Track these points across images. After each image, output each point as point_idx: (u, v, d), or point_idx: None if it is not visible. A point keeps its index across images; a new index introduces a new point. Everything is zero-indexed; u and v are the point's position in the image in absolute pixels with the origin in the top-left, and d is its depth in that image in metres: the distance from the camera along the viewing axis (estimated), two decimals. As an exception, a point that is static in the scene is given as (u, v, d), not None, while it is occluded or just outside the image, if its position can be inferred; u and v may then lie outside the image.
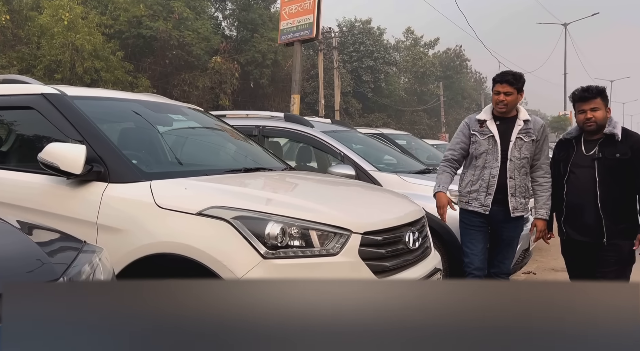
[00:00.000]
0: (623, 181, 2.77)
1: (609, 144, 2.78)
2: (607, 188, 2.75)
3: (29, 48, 18.40)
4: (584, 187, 2.80)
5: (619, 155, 2.74)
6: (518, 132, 3.01)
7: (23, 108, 2.72)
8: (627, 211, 2.80)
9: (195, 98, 21.65)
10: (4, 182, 2.60)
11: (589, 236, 2.82)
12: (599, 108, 2.77)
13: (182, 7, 20.66)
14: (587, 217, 2.80)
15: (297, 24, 10.72)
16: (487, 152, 3.02)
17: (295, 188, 2.81)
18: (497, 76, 3.04)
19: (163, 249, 2.20)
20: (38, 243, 1.42)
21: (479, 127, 3.08)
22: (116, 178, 2.39)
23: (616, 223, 2.75)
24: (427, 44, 40.17)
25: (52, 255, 1.39)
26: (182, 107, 3.52)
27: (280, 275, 2.11)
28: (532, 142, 3.03)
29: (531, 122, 3.04)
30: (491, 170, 3.01)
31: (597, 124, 2.77)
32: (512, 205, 3.01)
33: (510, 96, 2.97)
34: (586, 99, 2.78)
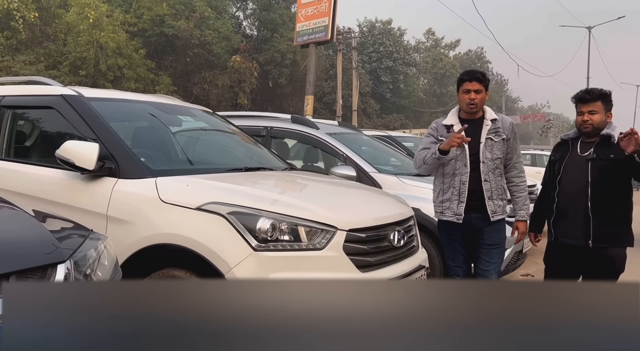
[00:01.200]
0: (617, 183, 2.71)
1: (605, 146, 2.73)
2: (599, 190, 2.69)
3: (55, 45, 18.97)
4: (575, 187, 2.75)
5: (613, 156, 2.67)
6: (487, 132, 2.89)
7: (44, 108, 2.98)
8: (620, 215, 2.72)
9: (214, 96, 22.04)
10: (26, 175, 2.85)
11: (577, 238, 2.75)
12: (597, 112, 2.72)
13: (204, 7, 21.03)
14: (577, 218, 2.74)
15: (312, 26, 10.92)
16: (455, 158, 2.88)
17: (289, 187, 3.00)
18: (465, 75, 2.94)
19: (165, 240, 2.42)
20: (50, 229, 1.65)
21: (446, 132, 2.95)
22: (125, 174, 2.62)
23: (606, 226, 2.68)
24: (448, 45, 39.99)
25: (61, 240, 1.61)
26: (191, 108, 3.75)
27: (269, 267, 2.30)
28: (503, 141, 2.91)
29: (499, 121, 2.93)
30: (461, 177, 2.87)
31: (593, 127, 2.73)
32: (491, 209, 2.88)
33: (480, 94, 2.86)
34: (586, 101, 2.74)
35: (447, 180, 2.93)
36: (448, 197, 2.92)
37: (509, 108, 47.87)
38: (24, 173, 2.85)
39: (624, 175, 2.70)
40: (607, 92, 2.79)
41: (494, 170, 2.91)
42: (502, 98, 45.17)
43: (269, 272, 2.29)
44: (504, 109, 43.31)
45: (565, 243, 2.81)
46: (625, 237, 2.73)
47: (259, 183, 2.86)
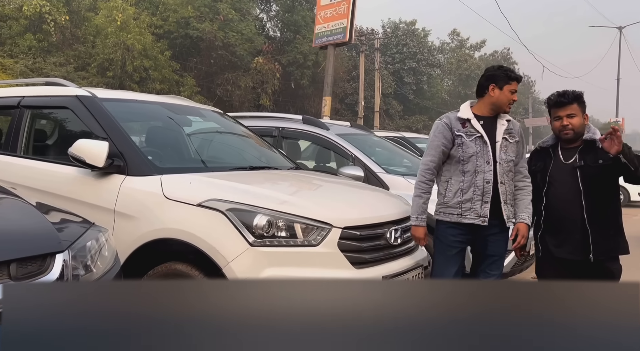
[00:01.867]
0: (608, 190, 2.59)
1: (590, 151, 2.58)
2: (594, 199, 2.53)
3: (84, 47, 19.54)
4: (566, 198, 2.57)
5: (601, 162, 2.53)
6: (503, 132, 2.73)
7: (60, 108, 3.13)
8: (614, 223, 2.59)
9: (237, 97, 22.34)
10: (43, 172, 3.01)
11: (575, 253, 2.57)
12: (575, 115, 2.57)
13: (228, 9, 21.34)
14: (573, 231, 2.56)
15: (331, 28, 11.00)
16: (476, 154, 2.67)
17: (289, 185, 3.08)
18: (514, 74, 2.76)
19: (167, 235, 2.53)
20: (51, 221, 1.76)
21: (461, 126, 2.73)
22: (133, 171, 2.74)
23: (606, 238, 2.53)
24: (473, 46, 39.52)
25: (61, 231, 1.72)
26: (201, 109, 3.87)
27: (265, 261, 2.39)
28: (516, 143, 2.79)
29: (512, 122, 2.82)
30: (484, 175, 2.66)
31: (574, 132, 2.58)
32: (506, 213, 2.69)
33: None
34: (562, 105, 2.59)
35: (468, 179, 2.67)
36: (469, 197, 2.66)
37: (536, 109, 46.96)
38: (41, 170, 3.01)
39: (612, 180, 2.58)
40: (581, 93, 2.65)
41: (508, 173, 2.74)
42: (529, 100, 44.34)
43: (265, 267, 2.37)
44: (530, 111, 42.55)
45: (560, 257, 2.62)
46: (622, 245, 2.60)
47: (260, 182, 2.94)
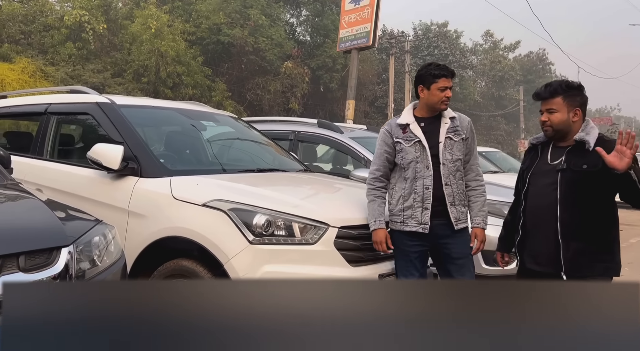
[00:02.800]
0: (591, 200, 2.23)
1: (578, 153, 2.26)
2: (573, 208, 2.23)
3: (121, 54, 20.29)
4: (543, 203, 2.31)
5: (586, 167, 2.21)
6: (446, 131, 2.64)
7: (82, 114, 3.36)
8: (600, 238, 2.25)
9: (267, 101, 22.70)
10: (65, 174, 3.24)
11: (547, 265, 2.31)
12: (556, 111, 2.28)
13: (258, 15, 21.72)
14: (545, 241, 2.30)
15: (355, 32, 11.11)
16: (415, 160, 2.62)
17: (291, 186, 3.20)
18: (443, 70, 2.66)
19: (175, 233, 2.69)
20: (59, 217, 1.94)
21: (401, 132, 2.67)
22: (146, 173, 2.92)
23: (583, 255, 2.23)
24: (507, 47, 38.76)
25: (68, 227, 1.90)
26: (215, 114, 4.04)
27: (263, 258, 2.51)
28: (462, 141, 2.68)
29: (457, 119, 2.70)
30: (424, 180, 2.60)
31: (553, 129, 2.30)
32: (454, 215, 2.62)
33: (451, 91, 2.67)
34: (541, 98, 2.33)
35: (409, 186, 2.64)
36: (410, 204, 2.62)
37: (573, 111, 45.51)
38: (64, 172, 3.24)
39: (602, 189, 2.23)
40: (572, 85, 2.33)
41: (455, 173, 2.66)
42: (566, 101, 43.06)
43: (264, 263, 2.50)
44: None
45: (533, 269, 2.36)
46: (606, 265, 2.25)
47: (263, 183, 3.08)
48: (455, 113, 2.73)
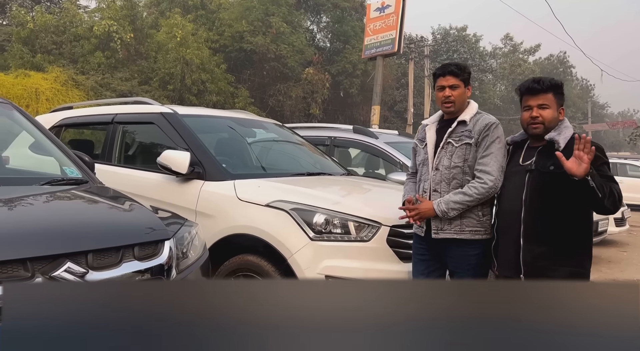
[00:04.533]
0: (558, 202, 2.13)
1: (548, 153, 2.17)
2: (535, 210, 2.15)
3: (147, 62, 20.86)
4: (510, 205, 2.23)
5: (552, 168, 2.12)
6: (448, 135, 2.50)
7: (147, 123, 3.67)
8: (566, 243, 2.14)
9: (288, 107, 23.07)
10: (134, 178, 3.54)
11: (508, 270, 2.24)
12: (548, 106, 2.18)
13: (280, 23, 22.12)
14: (510, 244, 2.23)
15: (380, 39, 11.38)
16: (422, 162, 2.60)
17: (343, 189, 3.45)
18: (438, 70, 2.55)
19: (241, 230, 2.96)
20: (159, 217, 2.23)
21: (423, 134, 2.66)
22: (210, 177, 3.21)
23: (542, 259, 2.14)
24: (527, 50, 38.61)
25: (167, 224, 2.19)
26: (264, 122, 4.34)
27: (322, 254, 2.77)
28: (467, 146, 2.45)
29: (470, 122, 2.47)
30: (424, 184, 2.57)
31: (544, 126, 2.19)
32: (434, 223, 2.46)
33: (457, 90, 2.47)
34: (535, 92, 2.20)
35: (418, 187, 2.64)
36: None
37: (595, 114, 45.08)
38: (133, 176, 3.55)
39: (568, 192, 2.08)
40: (559, 83, 2.26)
41: (450, 181, 2.47)
42: (588, 104, 42.64)
43: (323, 258, 2.75)
44: (590, 115, 40.92)
45: (501, 274, 2.29)
46: (571, 269, 2.14)
47: (317, 186, 3.34)
48: (473, 115, 2.50)
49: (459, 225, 2.44)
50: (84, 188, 2.52)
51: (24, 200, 2.12)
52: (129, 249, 1.91)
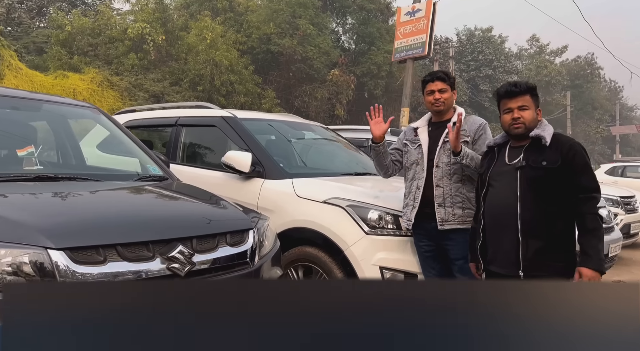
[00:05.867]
0: (551, 197, 2.22)
1: (535, 150, 2.27)
2: (530, 205, 2.21)
3: (178, 63, 21.43)
4: (503, 203, 2.29)
5: (545, 163, 2.22)
6: (445, 135, 2.75)
7: (209, 126, 4.00)
8: (560, 237, 2.22)
9: (313, 108, 23.38)
10: (198, 176, 3.87)
11: (506, 267, 2.28)
12: (528, 108, 2.29)
13: (307, 25, 22.44)
14: (505, 241, 2.27)
15: (410, 43, 11.60)
16: (416, 162, 2.84)
17: (391, 187, 3.72)
18: (427, 76, 2.87)
19: (299, 224, 3.26)
20: (242, 210, 2.55)
21: (413, 136, 2.91)
22: (270, 176, 3.52)
23: (540, 253, 2.21)
24: (554, 51, 38.19)
25: (248, 216, 2.50)
26: (311, 124, 4.64)
27: (376, 247, 3.04)
28: (465, 144, 2.73)
29: (464, 123, 2.75)
30: (417, 182, 2.81)
31: (525, 127, 2.29)
32: (440, 216, 2.71)
33: (445, 93, 2.78)
34: (513, 95, 2.30)
35: (408, 185, 2.89)
36: (407, 202, 2.88)
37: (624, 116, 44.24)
38: (197, 174, 3.87)
39: (561, 186, 2.21)
40: (534, 85, 2.39)
41: (451, 176, 2.74)
42: (617, 107, 41.90)
43: (377, 251, 3.03)
44: (617, 118, 40.26)
45: (495, 272, 2.35)
46: (562, 264, 2.23)
47: (367, 185, 3.62)
48: (468, 117, 2.81)
49: (462, 216, 2.74)
50: (168, 183, 2.85)
51: (131, 193, 2.46)
52: (223, 236, 2.22)
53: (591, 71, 40.16)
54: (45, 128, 3.11)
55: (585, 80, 39.28)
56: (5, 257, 1.62)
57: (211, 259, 2.11)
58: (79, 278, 1.69)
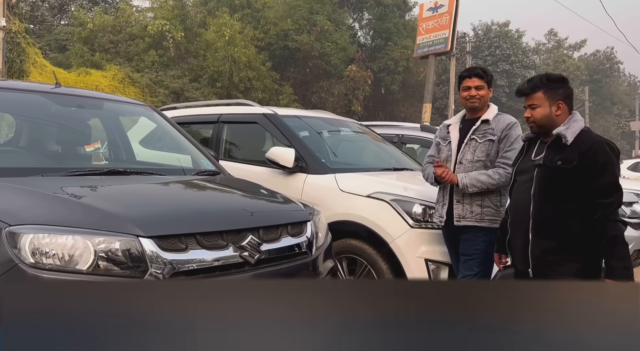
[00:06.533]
0: (565, 197, 2.16)
1: (556, 148, 2.22)
2: (543, 204, 2.19)
3: (197, 60, 21.65)
4: (521, 199, 2.29)
5: (560, 163, 2.16)
6: (472, 132, 2.80)
7: (251, 123, 4.13)
8: (570, 239, 2.16)
9: (330, 104, 23.43)
10: (241, 170, 3.98)
11: (520, 263, 2.32)
12: (538, 106, 2.24)
13: (324, 21, 22.49)
14: (520, 238, 2.29)
15: (432, 38, 11.63)
16: (447, 159, 2.88)
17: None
18: (465, 72, 2.87)
19: (343, 218, 3.37)
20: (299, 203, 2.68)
21: (445, 133, 2.96)
22: (312, 171, 3.63)
23: (548, 252, 2.18)
24: (572, 46, 37.73)
25: (305, 209, 2.63)
26: (346, 121, 4.75)
27: (421, 240, 3.14)
28: (490, 142, 2.76)
29: (494, 121, 2.79)
30: None
31: (536, 125, 2.26)
32: (457, 212, 2.77)
33: (482, 90, 2.80)
34: (522, 94, 2.30)
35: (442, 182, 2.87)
36: (438, 198, 2.95)
37: (644, 111, 43.53)
38: (240, 169, 4.00)
39: (576, 187, 2.14)
40: (553, 78, 2.28)
41: None
42: (636, 102, 41.26)
43: (421, 244, 3.13)
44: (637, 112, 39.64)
45: (517, 266, 2.39)
46: (574, 264, 2.17)
47: (408, 179, 3.71)
48: (497, 116, 2.83)
49: (480, 214, 2.75)
50: (226, 178, 2.99)
51: (198, 186, 2.60)
52: (285, 227, 2.35)
53: (610, 65, 39.63)
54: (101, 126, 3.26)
55: (604, 74, 38.77)
56: (101, 244, 1.76)
57: (276, 248, 2.23)
58: (166, 264, 1.83)
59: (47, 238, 1.70)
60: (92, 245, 1.74)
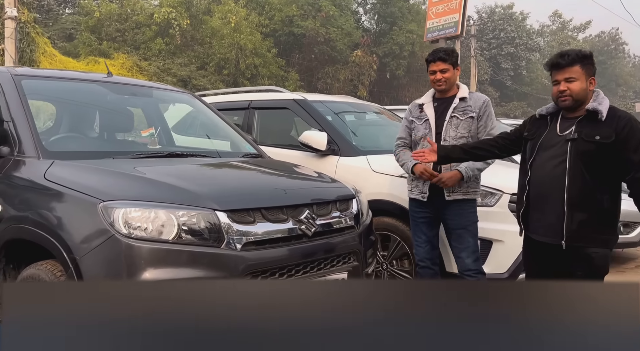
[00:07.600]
0: (600, 172, 2.21)
1: (590, 124, 2.22)
2: (579, 179, 2.21)
3: (203, 48, 21.69)
4: (551, 174, 2.28)
5: (599, 138, 2.18)
6: (453, 110, 2.92)
7: (282, 109, 4.30)
8: (603, 210, 2.23)
9: (336, 90, 23.48)
10: (275, 155, 4.14)
11: (549, 235, 2.31)
12: (576, 79, 2.21)
13: (329, 6, 22.43)
14: (550, 211, 2.29)
15: (442, 22, 11.69)
16: (424, 136, 2.96)
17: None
18: (429, 56, 2.96)
19: (377, 197, 3.54)
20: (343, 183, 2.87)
21: (418, 112, 3.04)
22: (344, 153, 3.81)
23: (584, 224, 2.22)
24: (577, 27, 37.50)
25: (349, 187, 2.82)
26: (370, 105, 4.91)
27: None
28: (471, 119, 2.91)
29: (469, 99, 2.93)
30: None
31: (572, 99, 2.23)
32: (447, 188, 2.90)
33: (447, 73, 2.91)
34: (561, 67, 2.23)
35: None
36: (417, 175, 2.96)
37: (648, 93, 43.38)
38: (273, 153, 4.16)
39: (611, 162, 2.20)
40: (587, 54, 2.27)
41: None
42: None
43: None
44: (642, 94, 39.55)
45: (536, 240, 2.39)
46: (606, 237, 2.25)
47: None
48: (471, 94, 2.98)
49: (466, 187, 2.94)
50: (270, 160, 3.17)
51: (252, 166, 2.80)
52: (334, 203, 2.54)
53: (615, 47, 39.38)
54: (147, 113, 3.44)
55: (609, 56, 38.55)
56: (183, 217, 1.96)
57: (328, 222, 2.43)
58: (239, 234, 2.03)
59: (137, 212, 1.90)
60: (175, 218, 1.93)
